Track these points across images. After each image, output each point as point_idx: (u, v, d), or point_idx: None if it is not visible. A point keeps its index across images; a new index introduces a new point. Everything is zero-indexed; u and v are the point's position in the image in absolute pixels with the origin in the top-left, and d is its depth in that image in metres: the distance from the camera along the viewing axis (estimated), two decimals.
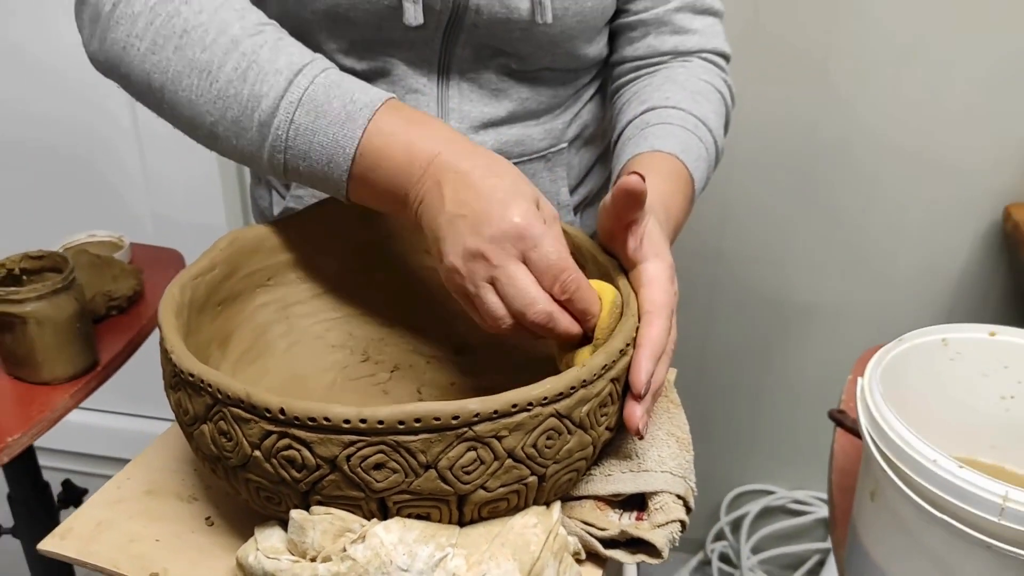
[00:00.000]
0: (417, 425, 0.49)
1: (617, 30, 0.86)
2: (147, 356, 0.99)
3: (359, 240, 0.74)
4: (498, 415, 0.50)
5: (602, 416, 0.55)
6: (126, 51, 0.64)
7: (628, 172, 0.59)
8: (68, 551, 0.58)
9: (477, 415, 0.49)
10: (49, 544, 0.58)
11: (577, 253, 0.64)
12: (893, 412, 0.64)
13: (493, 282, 0.56)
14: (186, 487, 0.64)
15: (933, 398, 0.75)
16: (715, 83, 0.84)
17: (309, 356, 0.72)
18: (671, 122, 0.78)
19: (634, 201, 0.58)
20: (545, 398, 0.51)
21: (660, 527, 0.56)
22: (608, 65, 0.90)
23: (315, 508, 0.52)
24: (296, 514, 0.52)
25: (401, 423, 0.49)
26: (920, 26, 1.27)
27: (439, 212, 0.57)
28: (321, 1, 0.73)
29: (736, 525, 1.70)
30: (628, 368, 0.56)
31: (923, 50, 1.29)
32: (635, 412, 0.55)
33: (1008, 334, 0.73)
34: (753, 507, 1.67)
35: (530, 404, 0.51)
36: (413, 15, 0.73)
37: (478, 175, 0.57)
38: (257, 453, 0.51)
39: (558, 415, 0.52)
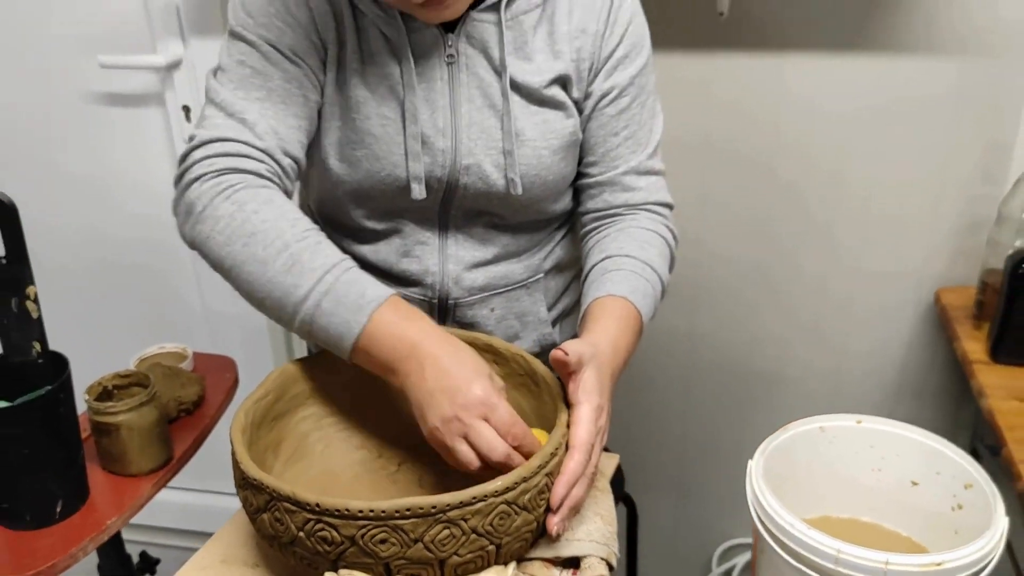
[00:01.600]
0: (408, 513, 0.72)
1: (580, 188, 1.10)
2: (207, 444, 1.23)
3: (369, 374, 0.97)
4: (463, 504, 0.73)
5: (541, 500, 0.78)
6: (209, 239, 0.90)
7: (583, 320, 0.85)
8: None
9: (448, 505, 0.72)
10: None
11: (539, 381, 0.88)
12: (767, 487, 0.85)
13: (465, 436, 0.79)
14: (251, 556, 0.87)
15: (819, 473, 0.96)
16: (659, 230, 1.06)
17: (338, 456, 0.96)
18: (623, 268, 1.00)
19: (563, 366, 0.82)
20: (497, 491, 0.74)
21: None
22: (576, 214, 1.13)
23: (342, 571, 0.75)
24: (328, 575, 0.75)
25: (397, 512, 0.72)
26: (850, 139, 1.50)
27: (421, 386, 0.81)
28: (349, 184, 1.00)
29: (729, 574, 1.90)
30: (557, 457, 0.79)
31: (858, 157, 1.51)
32: (552, 521, 0.79)
33: (870, 421, 0.95)
34: (742, 559, 1.87)
35: (486, 496, 0.74)
36: (418, 192, 0.99)
37: (447, 361, 0.81)
38: (301, 534, 0.74)
39: (507, 503, 0.75)
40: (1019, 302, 1.29)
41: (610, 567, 0.81)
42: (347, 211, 1.05)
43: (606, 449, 0.94)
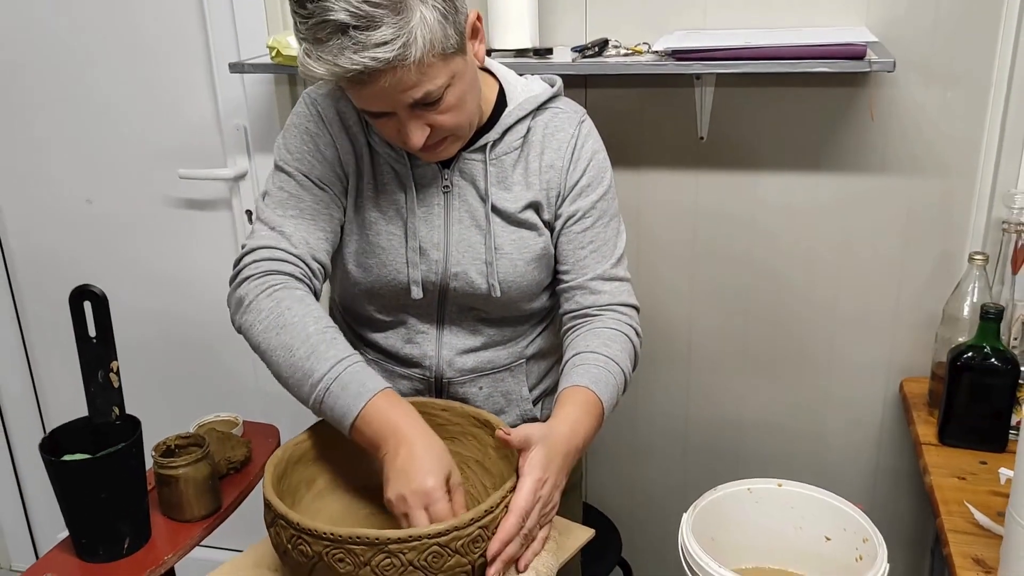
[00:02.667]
0: (358, 540, 0.91)
1: (558, 292, 1.31)
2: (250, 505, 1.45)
3: None
4: (401, 540, 0.92)
5: (475, 548, 0.95)
6: (252, 327, 1.14)
7: (554, 407, 1.11)
8: None
9: (389, 539, 0.91)
10: None
11: (513, 452, 1.08)
12: (696, 541, 1.03)
13: (405, 515, 0.99)
14: (275, 563, 1.09)
15: (749, 529, 1.14)
16: (623, 329, 1.25)
17: (363, 496, 1.18)
18: (588, 363, 1.19)
19: (506, 444, 1.03)
20: (430, 534, 0.92)
21: None
22: (557, 315, 1.34)
23: None
24: None
25: (349, 538, 0.91)
26: (817, 246, 1.71)
27: (392, 463, 1.02)
28: (363, 285, 1.25)
29: None
30: (496, 520, 0.97)
31: (824, 263, 1.72)
32: (488, 572, 0.97)
33: (791, 485, 1.13)
34: None
35: (421, 536, 0.92)
36: (416, 293, 1.23)
37: (418, 449, 1.02)
38: (288, 545, 0.95)
39: (440, 545, 0.93)
40: (959, 390, 1.45)
41: None
42: (363, 305, 1.29)
43: (588, 523, 1.13)
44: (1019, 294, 1.56)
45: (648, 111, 1.68)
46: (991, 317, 1.41)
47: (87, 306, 1.25)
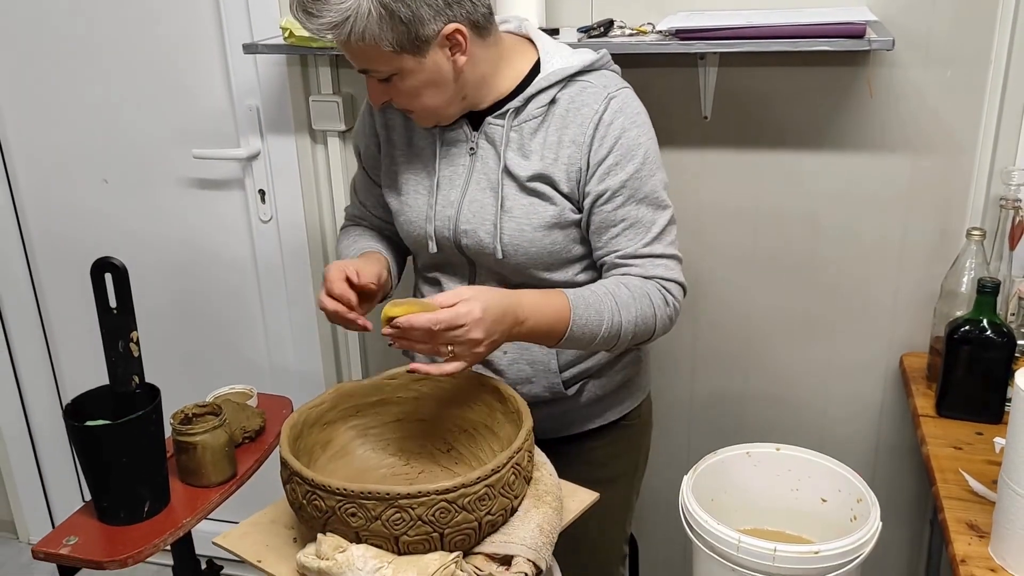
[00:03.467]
0: (369, 495, 0.96)
1: (599, 267, 1.32)
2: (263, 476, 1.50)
3: (406, 397, 1.25)
4: (410, 496, 0.96)
5: (481, 505, 1.00)
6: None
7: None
8: (227, 544, 1.11)
9: (399, 495, 0.96)
10: (219, 540, 1.12)
11: (521, 418, 1.11)
12: (696, 501, 1.07)
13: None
14: (291, 521, 1.14)
15: (748, 492, 1.18)
16: (649, 292, 1.24)
17: (374, 459, 1.24)
18: (586, 288, 1.24)
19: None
20: (438, 491, 0.97)
21: (512, 574, 1.00)
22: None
23: (328, 533, 1.00)
24: (319, 534, 1.00)
25: (361, 493, 0.96)
26: (820, 223, 1.74)
27: None
28: (404, 241, 1.41)
29: None
30: (503, 480, 1.01)
31: (827, 240, 1.75)
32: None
33: (788, 449, 1.17)
34: None
35: (429, 493, 0.96)
36: (432, 247, 1.31)
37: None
38: (303, 501, 1.00)
39: (447, 501, 0.97)
40: (957, 364, 1.49)
41: (538, 569, 1.02)
42: (414, 261, 1.48)
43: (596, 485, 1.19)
44: (1016, 270, 1.59)
45: (653, 91, 1.70)
46: (988, 291, 1.44)
47: (108, 278, 1.29)
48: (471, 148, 1.30)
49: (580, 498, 1.19)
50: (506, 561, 1.02)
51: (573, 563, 1.25)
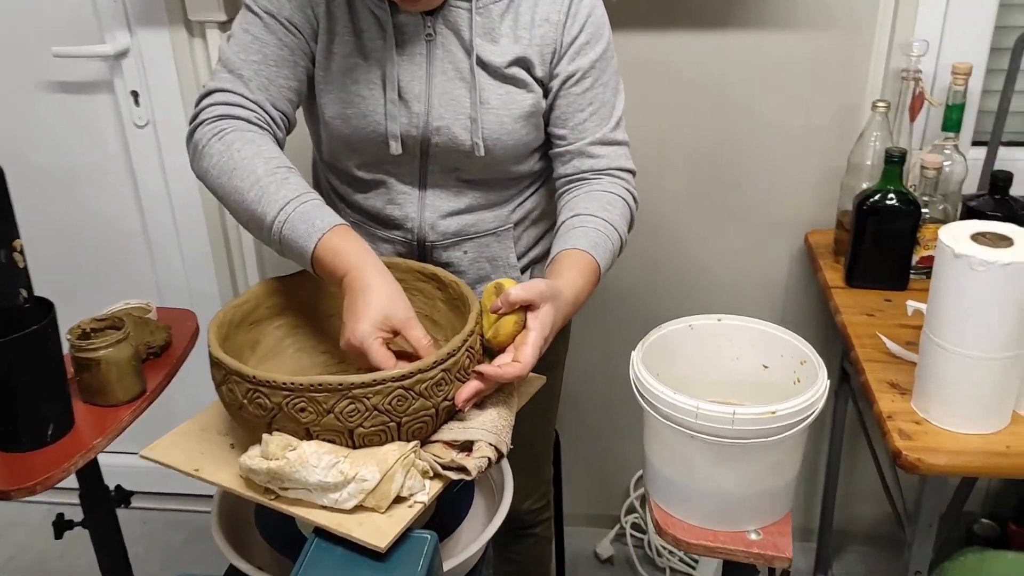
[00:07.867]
0: (320, 387, 0.89)
1: (554, 156, 1.27)
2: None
3: (337, 292, 1.16)
4: (365, 385, 0.90)
5: (438, 391, 0.95)
6: (207, 174, 1.10)
7: (550, 267, 1.11)
8: (155, 455, 1.02)
9: (353, 384, 0.90)
10: (146, 452, 1.02)
11: (465, 304, 1.07)
12: (648, 370, 1.06)
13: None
14: (224, 427, 1.06)
15: (690, 362, 1.18)
16: (621, 193, 1.23)
17: (305, 358, 1.16)
18: (587, 225, 1.18)
19: (519, 303, 1.00)
20: (394, 377, 0.91)
21: (475, 460, 0.96)
22: (551, 178, 1.31)
23: (275, 433, 0.93)
24: (264, 435, 0.94)
25: (312, 386, 0.90)
26: (726, 105, 1.74)
27: (344, 305, 1.00)
28: (343, 137, 1.21)
29: (643, 499, 2.12)
30: (458, 364, 0.97)
31: (735, 120, 1.75)
32: (461, 393, 0.98)
33: (729, 319, 1.17)
34: None
35: (385, 380, 0.91)
36: (395, 148, 1.19)
37: (357, 297, 0.98)
38: (244, 400, 0.92)
39: (404, 388, 0.92)
40: (865, 234, 1.53)
41: (500, 454, 0.99)
42: (344, 161, 1.26)
43: (537, 371, 1.13)
44: (916, 142, 1.64)
45: None
46: (895, 160, 1.47)
47: None
48: (428, 34, 1.17)
49: (531, 383, 1.16)
50: (466, 447, 0.99)
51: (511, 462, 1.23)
